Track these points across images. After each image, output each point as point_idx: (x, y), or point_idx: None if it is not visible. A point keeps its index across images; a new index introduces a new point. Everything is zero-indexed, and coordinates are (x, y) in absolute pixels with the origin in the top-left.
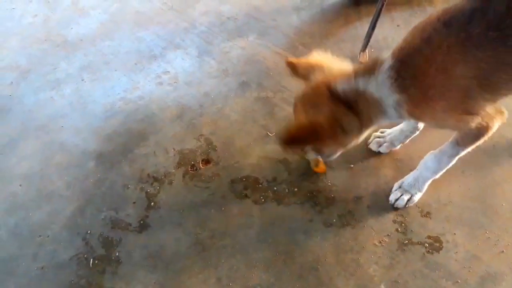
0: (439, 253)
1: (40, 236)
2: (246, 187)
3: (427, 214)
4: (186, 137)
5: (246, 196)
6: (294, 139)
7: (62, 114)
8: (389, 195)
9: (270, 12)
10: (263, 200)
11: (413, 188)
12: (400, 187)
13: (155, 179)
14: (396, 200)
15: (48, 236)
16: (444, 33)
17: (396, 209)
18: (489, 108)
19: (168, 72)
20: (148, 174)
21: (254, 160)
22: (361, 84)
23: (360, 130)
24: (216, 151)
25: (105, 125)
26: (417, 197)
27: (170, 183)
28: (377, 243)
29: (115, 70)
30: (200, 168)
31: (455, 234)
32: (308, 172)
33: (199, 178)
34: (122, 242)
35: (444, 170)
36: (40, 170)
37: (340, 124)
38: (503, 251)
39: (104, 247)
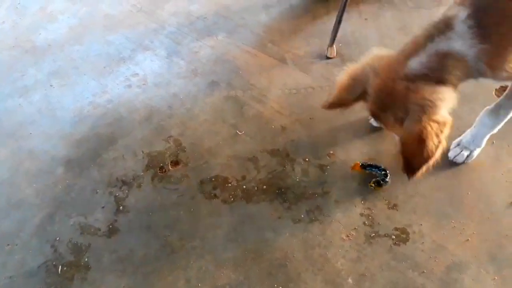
0: (405, 244)
1: (8, 245)
2: (215, 187)
3: (394, 206)
4: (154, 139)
5: (215, 196)
6: (417, 163)
7: (30, 120)
8: (357, 189)
9: (239, 11)
10: (232, 199)
11: (472, 144)
12: (458, 144)
13: (124, 183)
14: (456, 156)
15: (16, 245)
16: None
17: (364, 202)
18: None
19: (137, 74)
20: (117, 178)
21: (223, 159)
22: (442, 44)
23: (453, 94)
24: (185, 152)
25: (74, 130)
26: (476, 153)
27: (139, 186)
28: (344, 237)
29: (84, 75)
30: (169, 170)
31: (421, 225)
32: (276, 170)
33: (168, 180)
34: (91, 248)
35: (502, 124)
36: (9, 177)
37: (437, 107)
38: (468, 240)
39: (73, 254)
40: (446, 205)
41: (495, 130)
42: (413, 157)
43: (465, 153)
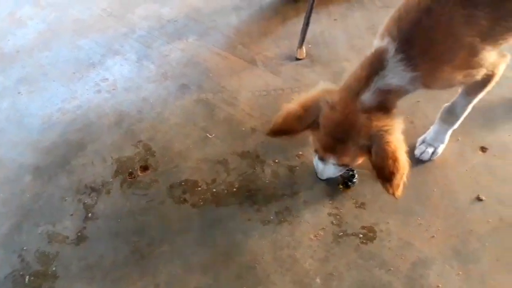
0: (373, 242)
1: None
2: (185, 191)
3: (362, 205)
4: (124, 144)
5: (184, 200)
6: (397, 179)
7: None
8: (325, 189)
9: (210, 13)
10: (202, 203)
11: (436, 141)
12: (423, 142)
13: (93, 189)
14: (421, 153)
15: None
16: (443, 0)
17: (332, 202)
18: (492, 57)
19: (107, 79)
20: (86, 185)
21: (193, 163)
22: (380, 82)
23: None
24: (154, 157)
25: (42, 137)
26: (440, 149)
27: (108, 192)
28: (312, 237)
29: (53, 81)
30: (138, 175)
31: (388, 223)
32: (246, 172)
33: (137, 185)
34: (59, 256)
35: (461, 120)
36: None
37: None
38: (433, 236)
39: (40, 263)
40: (413, 202)
41: (456, 126)
42: (392, 176)
43: (430, 150)
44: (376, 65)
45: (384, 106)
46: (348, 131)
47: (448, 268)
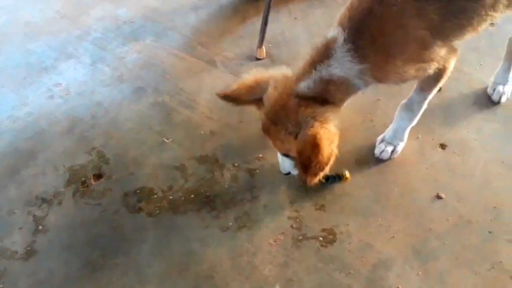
0: (333, 245)
1: None
2: (140, 199)
3: (322, 207)
4: (77, 152)
5: (140, 209)
6: (313, 166)
7: None
8: (285, 192)
9: (168, 13)
10: (158, 211)
11: (395, 139)
12: (383, 140)
13: (44, 201)
14: (381, 152)
15: None
16: None
17: (292, 205)
18: (443, 52)
19: (60, 84)
20: (36, 196)
21: (149, 169)
22: (324, 71)
23: (338, 113)
24: (108, 164)
25: None
26: (400, 148)
27: (60, 203)
28: (272, 242)
29: (2, 87)
30: (91, 184)
31: (348, 224)
32: (205, 177)
33: (90, 195)
34: (7, 273)
35: (418, 117)
36: None
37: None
38: (393, 237)
39: None
40: (373, 202)
41: (414, 123)
42: (309, 162)
43: (389, 148)
44: (323, 53)
45: (325, 98)
46: (278, 113)
47: (408, 268)
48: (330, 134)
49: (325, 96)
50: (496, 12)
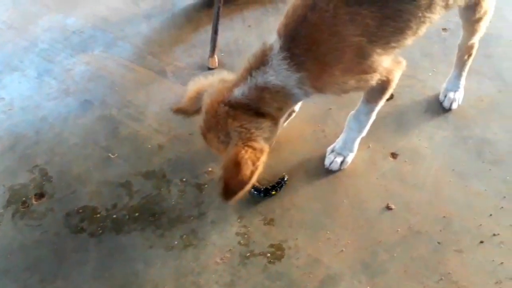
0: (280, 261)
1: None
2: (82, 219)
3: (271, 221)
4: (18, 170)
5: (82, 229)
6: (233, 187)
7: None
8: (234, 207)
9: (119, 22)
10: (100, 231)
11: (345, 150)
12: (333, 151)
13: None
14: (331, 163)
15: None
16: None
17: (240, 220)
18: (386, 62)
19: (3, 98)
20: None
21: (93, 187)
22: (259, 78)
23: (276, 125)
24: (51, 182)
25: None
26: (350, 158)
27: None
28: (218, 261)
29: None
30: (32, 204)
31: (297, 239)
32: (151, 194)
33: (30, 215)
34: None
35: (368, 127)
36: None
37: (253, 135)
38: (342, 250)
39: None
40: (322, 215)
41: (364, 134)
42: (230, 181)
43: (339, 159)
44: (260, 60)
45: (257, 107)
46: (210, 122)
47: (356, 283)
48: (253, 152)
49: (260, 104)
50: (433, 13)
